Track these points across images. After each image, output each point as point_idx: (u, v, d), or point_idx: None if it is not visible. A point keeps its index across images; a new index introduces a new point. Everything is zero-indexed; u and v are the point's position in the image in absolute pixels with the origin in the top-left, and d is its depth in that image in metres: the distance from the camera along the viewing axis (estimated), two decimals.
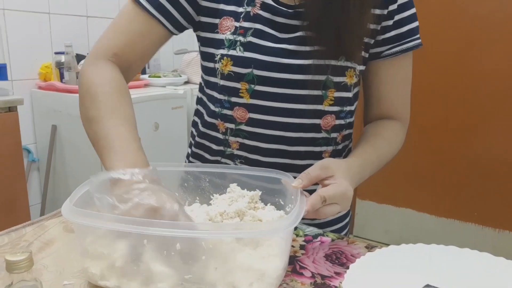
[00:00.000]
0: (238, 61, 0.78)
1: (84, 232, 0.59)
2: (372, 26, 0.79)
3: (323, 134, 0.82)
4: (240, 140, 0.83)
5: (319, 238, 0.75)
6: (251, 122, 0.81)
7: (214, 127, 0.85)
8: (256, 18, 0.78)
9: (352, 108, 0.85)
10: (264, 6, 0.79)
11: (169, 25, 0.80)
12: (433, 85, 2.32)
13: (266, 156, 0.82)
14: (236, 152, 0.84)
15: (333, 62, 0.77)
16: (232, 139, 0.83)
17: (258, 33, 0.78)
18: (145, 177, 0.60)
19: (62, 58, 2.21)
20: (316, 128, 0.81)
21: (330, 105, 0.80)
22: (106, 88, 0.73)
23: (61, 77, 2.23)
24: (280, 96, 0.78)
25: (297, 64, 0.77)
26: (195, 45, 0.90)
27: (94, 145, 0.70)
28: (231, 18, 0.79)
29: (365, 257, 0.61)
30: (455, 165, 2.35)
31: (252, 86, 0.78)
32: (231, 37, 0.79)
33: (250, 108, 0.80)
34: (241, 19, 0.79)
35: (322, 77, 0.78)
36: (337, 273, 0.64)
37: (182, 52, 2.80)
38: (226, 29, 0.79)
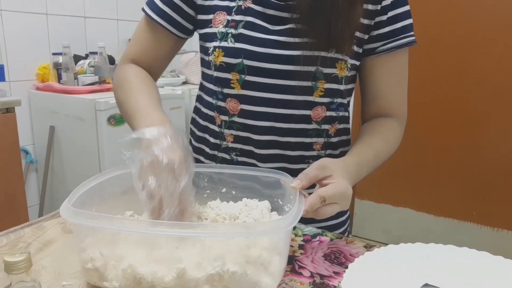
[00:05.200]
0: (229, 51, 0.80)
1: (82, 232, 0.59)
2: (365, 22, 0.80)
3: (313, 125, 0.83)
4: (234, 132, 0.85)
5: (318, 238, 0.75)
6: (242, 113, 0.83)
7: (212, 120, 0.88)
8: (247, 11, 0.81)
9: (344, 101, 0.86)
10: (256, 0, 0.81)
11: (173, 29, 0.86)
12: (431, 84, 2.33)
13: (259, 148, 0.84)
14: (231, 145, 0.86)
15: (323, 54, 0.78)
16: (226, 131, 0.85)
17: (249, 25, 0.80)
18: (165, 135, 0.65)
19: (60, 59, 2.21)
20: (306, 119, 0.82)
21: (320, 96, 0.81)
22: (129, 77, 0.85)
23: (59, 78, 2.22)
24: (270, 87, 0.80)
25: (287, 55, 0.78)
26: (193, 45, 0.92)
27: (127, 121, 0.80)
28: (224, 12, 0.82)
29: (364, 257, 0.61)
30: (454, 165, 2.36)
31: (243, 76, 0.80)
32: (223, 30, 0.81)
33: (241, 99, 0.82)
34: (233, 13, 0.81)
35: (311, 68, 0.79)
36: (336, 273, 0.64)
37: (180, 53, 2.80)
38: (219, 23, 0.82)
